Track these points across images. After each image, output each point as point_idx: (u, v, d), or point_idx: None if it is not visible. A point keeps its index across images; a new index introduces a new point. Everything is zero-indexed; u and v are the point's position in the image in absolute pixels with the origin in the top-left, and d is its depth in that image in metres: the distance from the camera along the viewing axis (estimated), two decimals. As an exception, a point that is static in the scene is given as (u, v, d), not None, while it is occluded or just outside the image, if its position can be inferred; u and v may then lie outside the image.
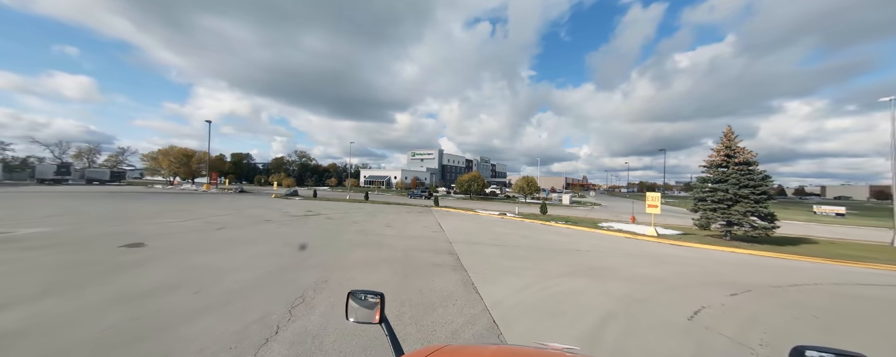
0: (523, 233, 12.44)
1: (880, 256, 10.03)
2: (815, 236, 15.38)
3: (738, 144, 11.95)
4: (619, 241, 11.61)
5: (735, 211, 11.45)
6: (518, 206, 28.64)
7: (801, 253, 10.12)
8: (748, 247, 10.78)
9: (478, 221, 15.73)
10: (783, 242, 12.00)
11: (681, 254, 9.47)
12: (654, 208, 12.98)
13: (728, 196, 11.63)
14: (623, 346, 3.49)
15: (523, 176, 40.93)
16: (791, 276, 7.22)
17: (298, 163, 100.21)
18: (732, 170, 11.78)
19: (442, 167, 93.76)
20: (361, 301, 1.33)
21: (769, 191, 11.38)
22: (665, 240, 11.91)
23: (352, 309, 1.33)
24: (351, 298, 1.34)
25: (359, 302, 1.33)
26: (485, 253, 8.20)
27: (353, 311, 1.33)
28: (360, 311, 1.32)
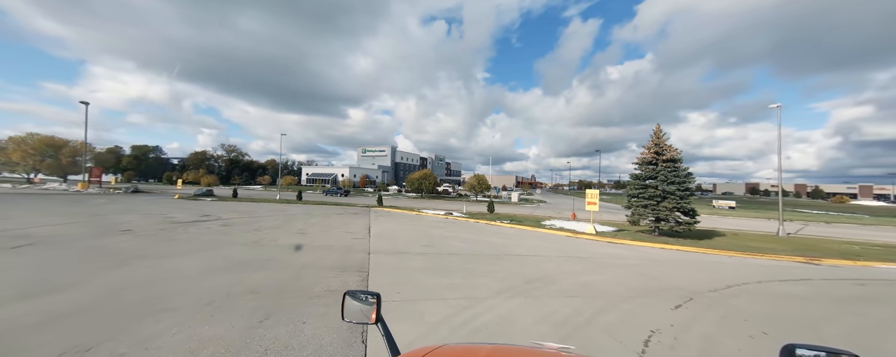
0: (464, 235, 11.12)
1: (776, 247, 11.01)
2: (720, 228, 17.21)
3: (665, 142, 12.31)
4: (561, 241, 11.01)
5: (663, 207, 11.72)
6: (467, 205, 27.79)
7: (718, 246, 10.59)
8: (675, 242, 11.04)
9: (417, 223, 14.03)
10: (700, 236, 12.75)
11: (618, 254, 9.05)
12: (592, 205, 12.82)
13: (657, 193, 11.86)
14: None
15: (474, 174, 40.65)
16: (720, 275, 7.03)
17: (226, 158, 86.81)
18: (661, 167, 12.07)
19: (395, 165, 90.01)
20: (358, 301, 1.33)
21: (692, 187, 11.88)
22: (603, 238, 11.71)
23: (348, 309, 1.33)
24: (347, 298, 1.34)
25: (355, 302, 1.32)
26: (408, 266, 6.51)
27: (349, 312, 1.32)
28: (357, 311, 1.31)
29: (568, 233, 12.59)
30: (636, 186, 12.67)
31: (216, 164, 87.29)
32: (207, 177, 57.10)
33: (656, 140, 12.45)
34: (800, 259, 9.21)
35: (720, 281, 6.39)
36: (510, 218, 17.52)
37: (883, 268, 8.58)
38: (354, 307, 1.31)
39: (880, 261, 9.10)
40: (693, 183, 11.74)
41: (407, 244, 8.93)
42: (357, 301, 1.32)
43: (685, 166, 11.84)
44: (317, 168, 79.76)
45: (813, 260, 9.13)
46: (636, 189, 12.62)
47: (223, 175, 79.45)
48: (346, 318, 1.31)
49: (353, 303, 1.32)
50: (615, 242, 11.09)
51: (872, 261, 9.07)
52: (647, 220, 12.25)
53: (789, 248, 10.83)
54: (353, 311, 1.31)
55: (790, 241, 12.59)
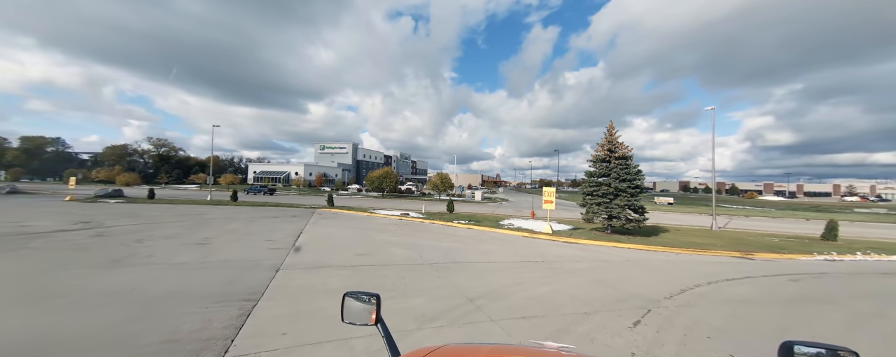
0: (412, 239, 9.84)
1: (714, 242, 11.46)
2: (664, 223, 18.20)
3: (618, 140, 12.28)
4: (517, 243, 10.29)
5: (616, 205, 11.63)
6: (427, 205, 26.60)
7: (665, 243, 10.69)
8: (627, 240, 10.96)
9: (363, 227, 12.42)
10: (648, 232, 13.01)
11: (574, 256, 8.50)
12: (549, 204, 12.38)
13: (610, 190, 11.76)
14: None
15: (438, 173, 39.59)
16: (672, 277, 6.70)
17: (154, 154, 74.94)
18: (614, 164, 11.99)
19: (357, 163, 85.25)
20: (357, 302, 1.31)
21: (642, 185, 11.97)
22: (559, 237, 11.27)
23: (347, 310, 1.32)
24: (347, 300, 1.33)
25: (355, 303, 1.32)
26: (322, 287, 5.05)
27: (348, 313, 1.31)
28: (356, 312, 1.30)
29: (525, 233, 11.99)
30: (590, 184, 12.51)
31: (142, 159, 75.01)
32: (126, 175, 48.38)
33: (609, 137, 12.39)
34: (736, 254, 9.52)
35: (674, 284, 5.97)
36: (469, 217, 16.66)
37: (803, 260, 9.16)
38: (354, 308, 1.32)
39: (799, 253, 9.76)
40: (642, 180, 11.85)
41: (336, 254, 7.39)
42: (357, 302, 1.32)
43: (635, 164, 11.89)
44: (267, 165, 72.31)
45: (747, 254, 9.50)
46: (590, 187, 12.46)
47: (150, 173, 68.46)
48: (345, 319, 1.31)
49: (353, 304, 1.32)
50: (571, 242, 10.68)
51: (794, 253, 9.69)
52: (601, 218, 12.13)
53: (724, 242, 11.34)
54: (353, 313, 1.31)
55: (723, 236, 13.39)
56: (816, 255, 9.58)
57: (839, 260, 9.30)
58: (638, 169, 11.82)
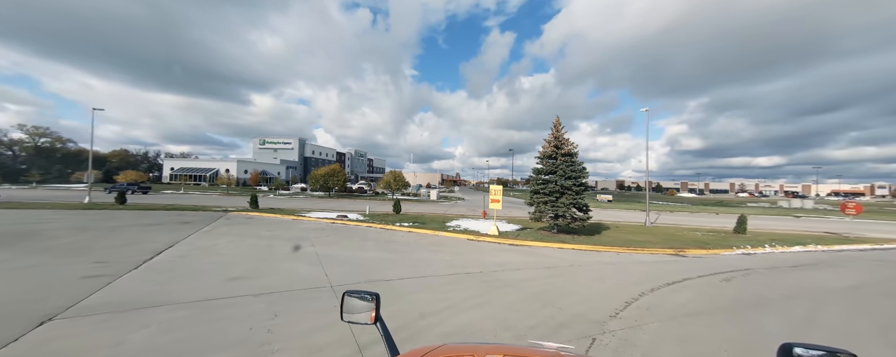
0: (332, 251, 7.99)
1: (649, 239, 11.64)
2: (605, 220, 18.86)
3: (564, 136, 11.86)
4: (458, 248, 9.10)
5: (561, 203, 11.17)
6: (375, 205, 24.47)
7: (607, 242, 10.46)
8: (572, 240, 10.52)
9: (276, 235, 10.10)
10: (592, 230, 12.92)
11: (516, 262, 7.55)
12: (496, 203, 11.49)
13: (557, 188, 11.26)
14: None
15: (391, 171, 37.36)
16: (616, 285, 6.02)
17: (30, 145, 59.09)
18: (560, 161, 11.52)
19: (305, 160, 77.84)
20: (357, 301, 1.32)
21: (586, 182, 11.70)
22: (504, 239, 10.37)
23: (347, 309, 1.32)
24: (346, 298, 1.34)
25: (354, 302, 1.32)
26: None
27: (347, 312, 1.32)
28: (356, 311, 1.31)
29: (470, 236, 10.89)
30: (538, 182, 11.92)
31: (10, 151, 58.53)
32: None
33: (556, 133, 11.92)
34: (670, 251, 9.56)
35: (618, 296, 5.20)
36: (415, 219, 15.15)
37: (726, 255, 9.53)
38: (353, 307, 1.32)
39: (721, 248, 10.20)
40: (587, 177, 11.60)
41: (195, 281, 5.27)
42: (356, 301, 1.32)
43: (580, 161, 11.58)
44: (188, 161, 61.80)
45: (679, 251, 9.60)
46: (537, 184, 11.87)
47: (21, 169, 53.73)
48: (344, 318, 1.31)
49: (352, 303, 1.32)
50: (516, 245, 9.85)
51: (717, 248, 10.10)
52: (548, 217, 11.59)
53: (658, 239, 11.59)
54: (352, 312, 1.31)
55: (656, 232, 13.94)
56: (735, 249, 10.09)
57: (754, 253, 9.89)
58: (582, 166, 11.52)
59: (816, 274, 7.30)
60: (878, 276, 7.35)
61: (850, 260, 9.18)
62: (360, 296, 1.32)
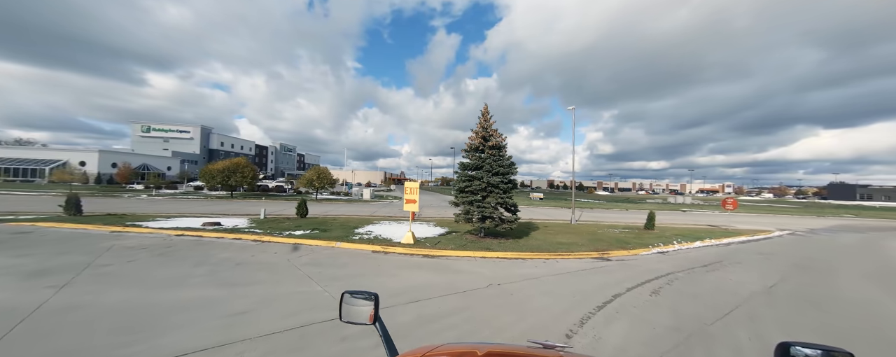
0: (84, 297, 4.68)
1: (575, 240, 11.03)
2: (535, 219, 18.63)
3: (492, 126, 10.42)
4: (354, 265, 6.68)
5: (487, 203, 9.67)
6: (277, 207, 20.15)
7: (533, 246, 9.35)
8: (498, 246, 9.08)
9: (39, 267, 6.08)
10: (520, 232, 11.89)
11: (421, 285, 5.51)
12: (411, 204, 9.34)
13: (483, 185, 9.72)
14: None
15: (314, 167, 32.35)
16: (537, 321, 4.40)
17: None
18: (487, 154, 10.02)
19: (210, 153, 64.08)
20: (356, 301, 1.33)
21: (515, 179, 10.47)
22: (420, 249, 8.32)
23: (346, 309, 1.33)
24: (345, 298, 1.35)
25: (353, 302, 1.33)
26: None
27: (346, 312, 1.33)
28: (354, 311, 1.32)
29: (378, 246, 8.52)
30: (463, 178, 10.24)
31: None
32: None
33: (483, 123, 10.42)
34: (595, 254, 8.84)
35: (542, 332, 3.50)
36: (318, 225, 12.08)
37: (645, 255, 9.24)
38: (352, 307, 1.32)
39: (639, 247, 10.02)
40: (516, 173, 10.38)
41: None
42: (355, 301, 1.32)
43: (509, 155, 10.28)
44: (16, 150, 44.49)
45: (604, 253, 8.96)
46: (462, 181, 10.18)
47: None
48: (343, 318, 1.32)
49: (352, 303, 1.33)
50: (433, 255, 7.88)
51: (636, 247, 9.85)
52: (475, 219, 9.98)
53: (583, 239, 11.08)
54: (351, 312, 1.32)
55: (581, 230, 13.75)
56: (651, 248, 9.99)
57: (667, 251, 9.90)
58: (511, 161, 10.24)
59: (728, 276, 7.09)
60: (773, 274, 7.55)
61: (741, 254, 9.76)
62: (359, 296, 1.32)
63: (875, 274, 7.67)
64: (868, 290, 6.25)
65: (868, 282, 6.94)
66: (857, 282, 6.93)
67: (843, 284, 6.60)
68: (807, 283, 6.56)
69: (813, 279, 6.82)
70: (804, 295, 5.77)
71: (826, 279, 6.87)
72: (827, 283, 6.63)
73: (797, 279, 6.81)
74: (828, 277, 7.05)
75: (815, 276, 7.06)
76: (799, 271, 7.61)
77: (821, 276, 7.00)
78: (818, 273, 7.46)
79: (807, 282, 6.62)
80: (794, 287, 6.21)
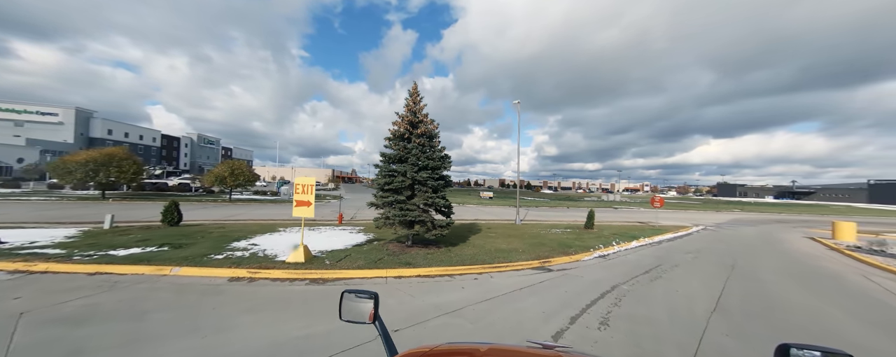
0: None
1: (517, 245, 9.79)
2: (480, 220, 17.43)
3: (422, 110, 8.51)
4: (168, 315, 4.05)
5: (414, 204, 7.74)
6: (142, 211, 15.54)
7: (468, 257, 7.73)
8: (424, 258, 7.21)
9: None
10: (456, 238, 10.27)
11: (264, 350, 3.24)
12: (304, 208, 6.79)
13: (407, 182, 7.74)
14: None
15: (226, 161, 26.77)
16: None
17: None
18: (415, 144, 8.07)
19: (90, 142, 50.26)
20: (356, 300, 1.33)
21: (448, 175, 8.72)
22: (310, 270, 5.95)
23: (346, 308, 1.33)
24: (345, 297, 1.35)
25: (353, 301, 1.33)
26: None
27: (346, 311, 1.33)
28: (354, 310, 1.31)
29: (245, 270, 5.88)
30: (385, 173, 8.13)
31: None
32: None
33: (412, 105, 8.45)
34: (536, 263, 7.56)
35: None
36: (176, 238, 8.77)
37: (587, 261, 8.30)
38: (352, 306, 1.32)
39: (581, 251, 9.14)
40: (449, 167, 8.64)
41: None
42: (355, 300, 1.32)
43: (441, 145, 8.49)
44: None
45: (545, 262, 7.73)
46: (384, 177, 8.07)
47: None
48: (343, 317, 1.32)
49: (351, 302, 1.32)
50: (325, 279, 5.63)
51: (579, 252, 8.93)
52: (397, 224, 7.94)
53: (525, 244, 9.91)
54: (351, 311, 1.32)
55: (524, 232, 12.77)
56: (593, 251, 9.19)
57: (608, 254, 9.19)
58: (444, 153, 8.46)
59: (673, 286, 6.31)
60: (714, 281, 7.17)
61: (675, 255, 9.52)
62: (359, 295, 1.32)
63: (798, 274, 7.72)
64: (804, 298, 5.92)
65: (797, 285, 6.80)
66: (788, 286, 6.71)
67: (778, 291, 6.25)
68: (749, 292, 6.04)
69: (750, 287, 6.39)
70: (754, 311, 5.06)
71: (761, 287, 6.50)
72: (763, 290, 6.22)
73: (737, 287, 6.31)
74: (761, 284, 6.73)
75: (750, 283, 6.70)
76: (732, 274, 7.30)
77: (755, 284, 6.64)
78: (750, 279, 7.20)
79: (748, 291, 6.12)
80: (739, 300, 5.55)
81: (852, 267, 8.34)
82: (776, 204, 63.35)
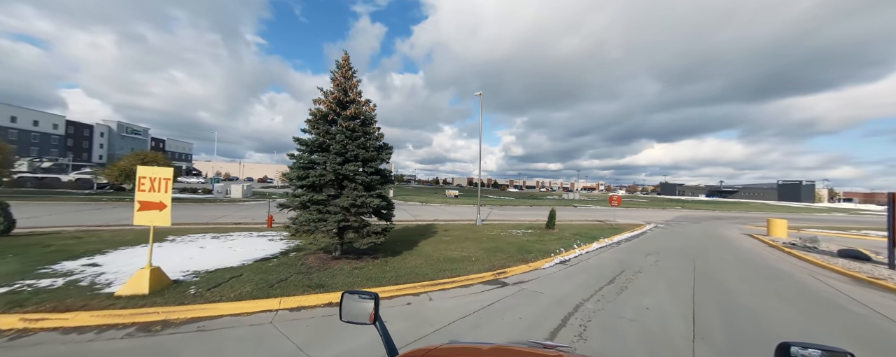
0: None
1: (473, 252, 8.49)
2: (440, 220, 16.03)
3: (356, 86, 6.74)
4: None
5: (337, 206, 5.98)
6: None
7: (410, 271, 6.20)
8: (346, 278, 5.53)
9: None
10: (401, 245, 8.70)
11: None
12: (150, 213, 4.70)
13: (328, 177, 5.96)
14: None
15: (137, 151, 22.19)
16: None
17: None
18: (340, 128, 6.29)
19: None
20: (356, 301, 1.33)
21: (387, 170, 7.07)
22: (149, 308, 3.94)
23: (346, 309, 1.34)
24: (345, 298, 1.35)
25: (353, 302, 1.33)
26: None
27: (346, 311, 1.33)
28: (355, 311, 1.32)
29: (25, 316, 3.68)
30: (299, 165, 6.22)
31: None
32: None
33: (341, 79, 6.63)
34: (490, 275, 6.29)
35: None
36: None
37: (547, 269, 7.24)
38: (353, 307, 1.32)
39: (541, 257, 8.13)
40: (388, 159, 6.99)
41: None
42: (355, 301, 1.32)
43: (378, 131, 6.80)
44: None
45: (501, 273, 6.49)
46: (299, 168, 6.17)
47: None
48: (344, 317, 1.33)
49: (352, 303, 1.33)
50: (174, 322, 3.71)
51: (538, 258, 7.88)
52: (315, 229, 6.12)
53: (481, 250, 8.67)
54: (351, 311, 1.32)
55: (483, 234, 11.61)
56: (553, 256, 8.21)
57: (569, 259, 8.28)
58: (381, 141, 6.80)
59: (642, 300, 5.41)
60: (680, 291, 6.53)
61: (636, 258, 8.95)
62: (359, 296, 1.33)
63: (760, 279, 7.40)
64: (784, 312, 5.32)
65: (767, 294, 6.36)
66: (760, 299, 6.22)
67: (750, 304, 5.65)
68: (723, 305, 5.34)
69: (721, 298, 5.74)
70: (739, 334, 4.21)
71: (732, 299, 5.90)
72: (736, 304, 5.57)
73: (708, 299, 5.60)
74: (731, 295, 6.17)
75: (720, 293, 6.09)
76: (697, 281, 6.70)
77: (725, 295, 6.04)
78: (717, 287, 6.66)
79: (721, 304, 5.42)
80: (718, 319, 4.74)
81: (805, 269, 8.26)
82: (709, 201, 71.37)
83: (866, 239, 15.20)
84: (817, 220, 30.11)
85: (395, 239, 9.53)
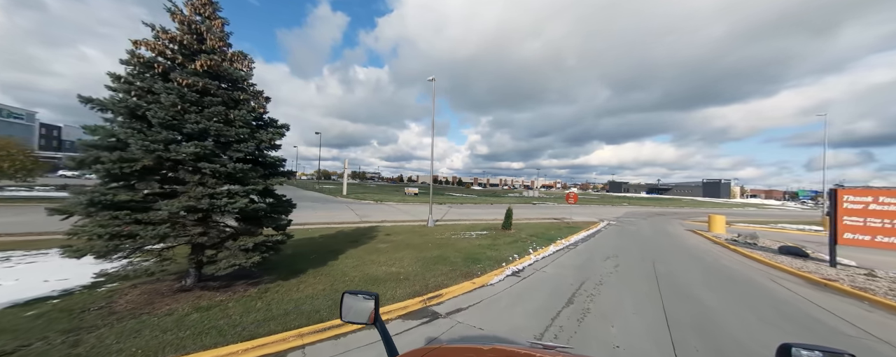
0: None
1: (407, 265, 6.68)
2: (387, 222, 14.00)
3: (218, 27, 4.43)
4: None
5: (168, 210, 3.69)
6: None
7: (296, 306, 4.20)
8: (174, 331, 3.29)
9: None
10: (325, 251, 6.58)
11: None
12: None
13: (138, 164, 3.64)
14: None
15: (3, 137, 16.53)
16: None
17: None
18: (188, 84, 3.96)
19: None
20: (356, 301, 1.32)
21: (277, 158, 4.90)
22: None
23: (346, 309, 1.33)
24: (346, 298, 1.34)
25: (353, 302, 1.33)
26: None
27: (347, 311, 1.32)
28: (355, 311, 1.31)
29: None
30: (90, 143, 3.77)
31: None
32: None
33: (193, 16, 4.27)
34: (418, 303, 4.55)
35: None
36: None
37: (495, 285, 5.70)
38: (353, 307, 1.31)
39: (492, 266, 6.64)
40: (277, 146, 4.83)
41: None
42: (355, 301, 1.32)
43: (260, 102, 4.59)
44: None
45: (433, 299, 4.78)
46: (89, 148, 3.71)
47: None
48: (344, 318, 1.32)
49: (352, 303, 1.32)
50: None
51: (487, 270, 6.36)
52: (145, 252, 3.75)
53: (421, 259, 6.92)
54: (352, 311, 1.32)
55: (431, 238, 9.92)
56: (506, 266, 6.76)
57: (522, 268, 6.89)
58: (263, 117, 4.62)
59: (607, 331, 4.04)
60: (648, 303, 5.52)
61: (596, 265, 7.93)
62: (359, 296, 1.32)
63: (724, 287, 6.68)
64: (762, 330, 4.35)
65: (743, 311, 5.49)
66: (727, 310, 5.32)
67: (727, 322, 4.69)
68: (697, 329, 4.23)
69: (692, 316, 4.71)
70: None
71: (704, 315, 4.92)
72: (709, 324, 4.57)
73: (679, 318, 4.50)
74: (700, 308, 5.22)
75: (688, 307, 5.12)
76: (662, 293, 5.70)
77: (695, 308, 5.07)
78: (685, 299, 5.74)
79: (696, 327, 4.33)
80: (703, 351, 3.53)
81: (761, 271, 7.84)
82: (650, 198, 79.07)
83: (784, 232, 16.64)
84: (739, 214, 33.97)
85: (312, 249, 7.35)
